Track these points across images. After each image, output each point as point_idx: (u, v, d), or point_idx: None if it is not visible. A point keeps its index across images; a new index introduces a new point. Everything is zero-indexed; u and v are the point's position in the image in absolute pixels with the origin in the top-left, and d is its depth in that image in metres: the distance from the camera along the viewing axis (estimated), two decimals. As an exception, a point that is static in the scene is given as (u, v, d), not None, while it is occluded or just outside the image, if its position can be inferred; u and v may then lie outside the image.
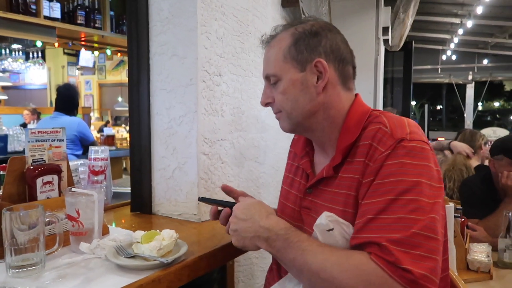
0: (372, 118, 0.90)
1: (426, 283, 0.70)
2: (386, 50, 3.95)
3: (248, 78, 1.55)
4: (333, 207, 0.87)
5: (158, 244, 0.95)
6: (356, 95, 0.98)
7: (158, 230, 1.00)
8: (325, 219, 0.83)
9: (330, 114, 0.93)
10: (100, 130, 7.00)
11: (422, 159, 0.78)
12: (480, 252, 1.67)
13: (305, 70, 0.92)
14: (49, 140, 1.17)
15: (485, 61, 9.97)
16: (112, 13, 4.35)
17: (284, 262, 0.85)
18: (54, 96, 8.68)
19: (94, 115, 9.18)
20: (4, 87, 8.51)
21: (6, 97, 7.73)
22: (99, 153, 1.50)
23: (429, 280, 0.70)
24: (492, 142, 2.18)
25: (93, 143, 3.62)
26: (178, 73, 1.31)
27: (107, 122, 8.84)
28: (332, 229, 0.82)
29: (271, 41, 0.98)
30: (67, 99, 3.59)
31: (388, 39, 3.46)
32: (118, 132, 7.96)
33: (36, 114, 6.42)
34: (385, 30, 3.36)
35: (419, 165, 0.78)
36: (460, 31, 7.24)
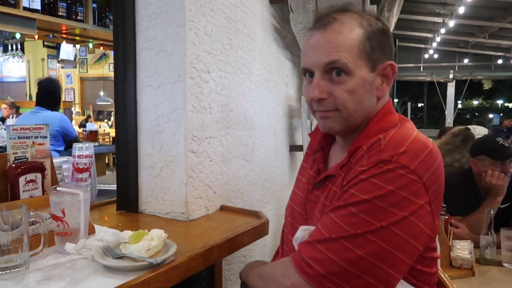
0: (391, 129, 0.86)
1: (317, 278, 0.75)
2: (371, 48, 3.96)
3: (236, 75, 1.54)
4: (327, 204, 0.88)
5: (147, 244, 0.93)
6: (389, 99, 0.94)
7: (146, 230, 0.98)
8: (301, 233, 0.86)
9: (368, 117, 0.90)
10: (82, 125, 6.86)
11: (390, 184, 0.75)
12: (462, 249, 1.71)
13: (374, 71, 0.86)
14: (32, 137, 1.14)
15: (465, 60, 10.19)
16: (94, 5, 4.27)
17: (248, 282, 1.00)
18: (33, 90, 8.46)
19: (75, 109, 9.00)
20: (-20, 80, 8.26)
21: (-18, 90, 7.50)
22: (84, 150, 1.47)
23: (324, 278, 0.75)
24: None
25: (76, 139, 3.55)
26: (166, 69, 1.29)
27: (88, 116, 8.69)
28: None
29: (334, 24, 0.86)
30: (49, 94, 3.50)
31: (373, 37, 3.47)
32: (100, 127, 7.83)
33: (15, 108, 6.25)
34: (371, 28, 3.38)
35: (383, 188, 0.75)
36: (442, 30, 7.37)
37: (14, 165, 1.08)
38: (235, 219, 1.36)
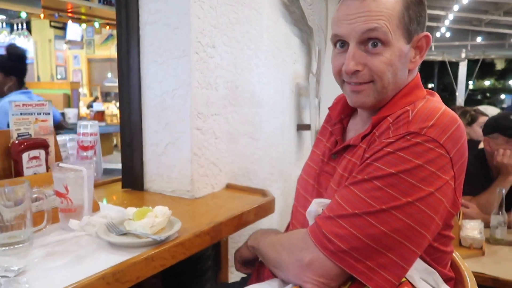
0: (416, 100, 0.83)
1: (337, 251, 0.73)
2: (381, 26, 3.87)
3: (242, 50, 1.50)
4: (347, 177, 0.84)
5: (151, 221, 0.91)
6: (418, 72, 0.90)
7: (150, 207, 0.97)
8: (315, 206, 0.82)
9: (398, 90, 0.86)
10: (89, 106, 6.87)
11: (418, 157, 0.72)
12: (472, 229, 1.68)
13: (410, 43, 0.83)
14: (34, 113, 1.12)
15: (478, 39, 9.92)
16: (99, -17, 4.20)
17: (258, 249, 0.95)
18: (41, 71, 8.45)
19: (83, 90, 9.00)
20: (-11, 61, 8.25)
21: (-9, 72, 7.51)
22: (88, 128, 1.45)
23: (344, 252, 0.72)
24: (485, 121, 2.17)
25: (60, 125, 3.19)
26: (171, 44, 1.25)
27: (96, 98, 8.68)
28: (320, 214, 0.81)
29: None
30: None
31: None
32: (108, 108, 7.83)
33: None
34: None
35: (411, 162, 0.72)
36: (456, 8, 7.15)
37: (17, 142, 1.06)
38: (241, 197, 1.34)
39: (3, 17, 5.79)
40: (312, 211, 0.83)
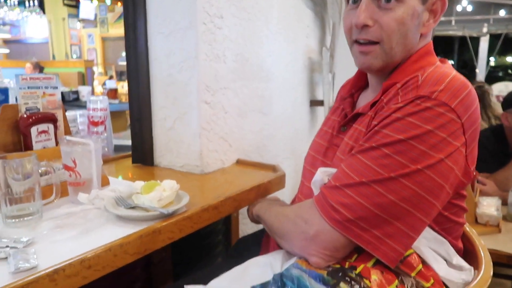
0: (426, 66, 0.80)
1: (348, 224, 0.71)
2: None
3: (252, 22, 1.45)
4: (352, 144, 0.82)
5: (159, 194, 0.91)
6: (430, 40, 0.87)
7: (158, 181, 0.96)
8: (320, 175, 0.80)
9: (406, 56, 0.83)
10: (104, 84, 6.92)
11: (428, 123, 0.70)
12: (489, 206, 1.64)
13: (425, 4, 0.80)
14: (42, 87, 1.11)
15: (502, 13, 9.52)
16: (110, -42, 4.13)
17: (263, 219, 0.94)
18: (56, 50, 8.48)
19: (98, 69, 9.03)
20: (5, 42, 8.33)
21: (7, 51, 7.58)
22: (98, 104, 1.45)
23: (352, 223, 0.71)
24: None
25: None
26: (177, 14, 1.22)
27: (111, 76, 8.71)
28: (326, 183, 0.79)
29: None
30: None
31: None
32: (123, 87, 7.87)
33: (38, 68, 6.32)
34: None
35: (420, 127, 0.70)
36: (478, -21, 6.84)
37: (25, 116, 1.06)
38: (251, 172, 1.33)
39: (15, -6, 5.80)
40: (317, 181, 0.81)
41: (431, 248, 0.77)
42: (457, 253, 0.82)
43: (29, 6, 5.74)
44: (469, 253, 0.88)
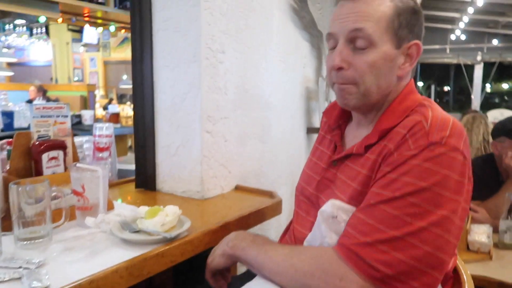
0: (419, 107, 0.84)
1: (392, 282, 0.70)
2: (393, 29, 3.88)
3: (252, 55, 1.54)
4: (352, 185, 0.84)
5: (162, 219, 0.96)
6: (411, 79, 0.92)
7: (161, 206, 1.02)
8: (330, 206, 0.82)
9: (389, 97, 0.88)
10: (105, 108, 7.01)
11: (445, 168, 0.73)
12: (480, 233, 1.68)
13: (399, 48, 0.85)
14: (53, 116, 1.18)
15: (495, 41, 9.77)
16: (115, -12, 4.30)
17: (247, 260, 0.88)
18: (59, 73, 8.59)
19: (99, 92, 9.17)
20: (9, 64, 8.49)
21: (11, 73, 7.72)
22: (104, 130, 1.52)
23: (397, 279, 0.70)
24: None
25: None
26: (181, 49, 1.30)
27: (111, 99, 8.82)
28: (336, 217, 0.81)
29: None
30: None
31: (396, 18, 3.39)
32: (123, 110, 7.96)
33: (42, 91, 6.42)
34: (393, 8, 3.29)
35: (439, 173, 0.73)
36: (470, 10, 7.08)
37: (37, 143, 1.12)
38: (250, 198, 1.38)
39: (23, 21, 5.97)
40: (326, 212, 0.82)
41: None
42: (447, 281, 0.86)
43: (37, 33, 5.92)
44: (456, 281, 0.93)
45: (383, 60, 0.83)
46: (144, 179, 1.44)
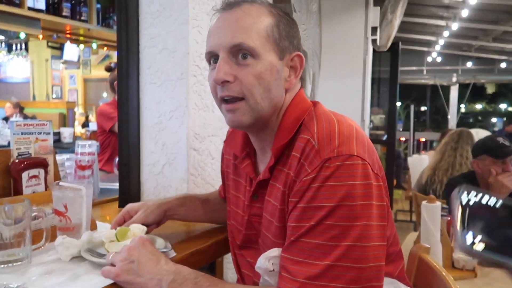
0: (306, 121, 0.82)
1: None
2: (374, 50, 3.99)
3: (239, 74, 1.54)
4: (273, 222, 0.82)
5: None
6: (300, 88, 0.88)
7: (130, 227, 0.97)
8: (263, 262, 0.79)
9: (280, 112, 0.85)
10: (84, 125, 6.88)
11: (347, 178, 0.71)
12: (465, 250, 1.70)
13: (282, 60, 0.82)
14: (35, 133, 1.14)
15: (469, 64, 10.16)
16: (98, 5, 4.29)
17: None
18: (37, 90, 8.43)
19: (79, 110, 9.03)
20: (-15, 80, 8.30)
21: (-13, 90, 7.54)
22: (86, 148, 1.48)
23: None
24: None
25: None
26: (169, 67, 1.29)
27: (87, 116, 8.63)
28: (273, 270, 0.78)
29: (242, 6, 0.82)
30: None
31: (376, 39, 3.49)
32: (103, 127, 7.83)
33: (19, 107, 6.28)
34: (374, 30, 3.39)
35: (343, 185, 0.71)
36: (446, 33, 7.36)
37: (17, 161, 1.08)
38: (237, 217, 1.36)
39: (2, 37, 5.86)
40: (261, 268, 0.80)
41: None
42: (393, 258, 0.87)
43: (16, 49, 5.82)
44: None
45: (269, 71, 0.80)
46: (128, 198, 1.40)
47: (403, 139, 8.71)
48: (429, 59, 10.03)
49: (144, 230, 0.97)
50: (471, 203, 0.44)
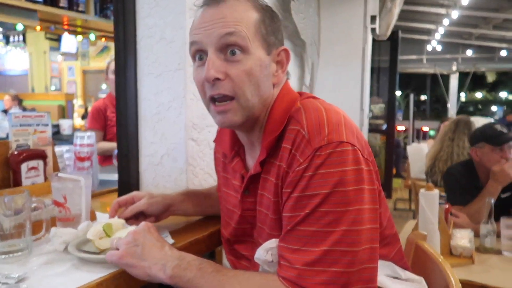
0: (294, 113, 0.81)
1: None
2: (373, 40, 3.96)
3: (237, 64, 1.54)
4: (269, 215, 0.83)
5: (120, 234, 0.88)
6: (286, 80, 0.88)
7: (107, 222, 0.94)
8: (261, 253, 0.80)
9: (269, 107, 0.85)
10: (83, 117, 6.88)
11: (338, 165, 0.72)
12: (462, 238, 1.72)
13: (270, 55, 0.82)
14: (33, 124, 1.15)
15: (469, 52, 10.11)
16: (96, -4, 4.26)
17: None
18: (36, 83, 8.43)
19: (78, 102, 9.01)
20: (-17, 73, 8.27)
21: (-15, 83, 7.52)
22: (85, 139, 1.48)
23: None
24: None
25: None
26: (166, 57, 1.29)
27: (86, 109, 8.64)
28: (272, 261, 0.79)
29: (227, 1, 0.80)
30: None
31: (375, 28, 3.47)
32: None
33: (17, 100, 6.28)
34: (373, 18, 3.36)
35: (335, 172, 0.72)
36: (446, 22, 7.31)
37: (16, 152, 1.09)
38: (236, 207, 1.36)
39: (0, 29, 5.83)
40: (260, 259, 0.80)
41: (385, 275, 0.82)
42: (388, 241, 0.88)
43: (13, 41, 5.79)
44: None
45: (259, 67, 0.80)
46: (127, 189, 1.40)
47: (402, 129, 8.71)
48: (429, 47, 9.98)
49: (123, 223, 0.96)
50: None
